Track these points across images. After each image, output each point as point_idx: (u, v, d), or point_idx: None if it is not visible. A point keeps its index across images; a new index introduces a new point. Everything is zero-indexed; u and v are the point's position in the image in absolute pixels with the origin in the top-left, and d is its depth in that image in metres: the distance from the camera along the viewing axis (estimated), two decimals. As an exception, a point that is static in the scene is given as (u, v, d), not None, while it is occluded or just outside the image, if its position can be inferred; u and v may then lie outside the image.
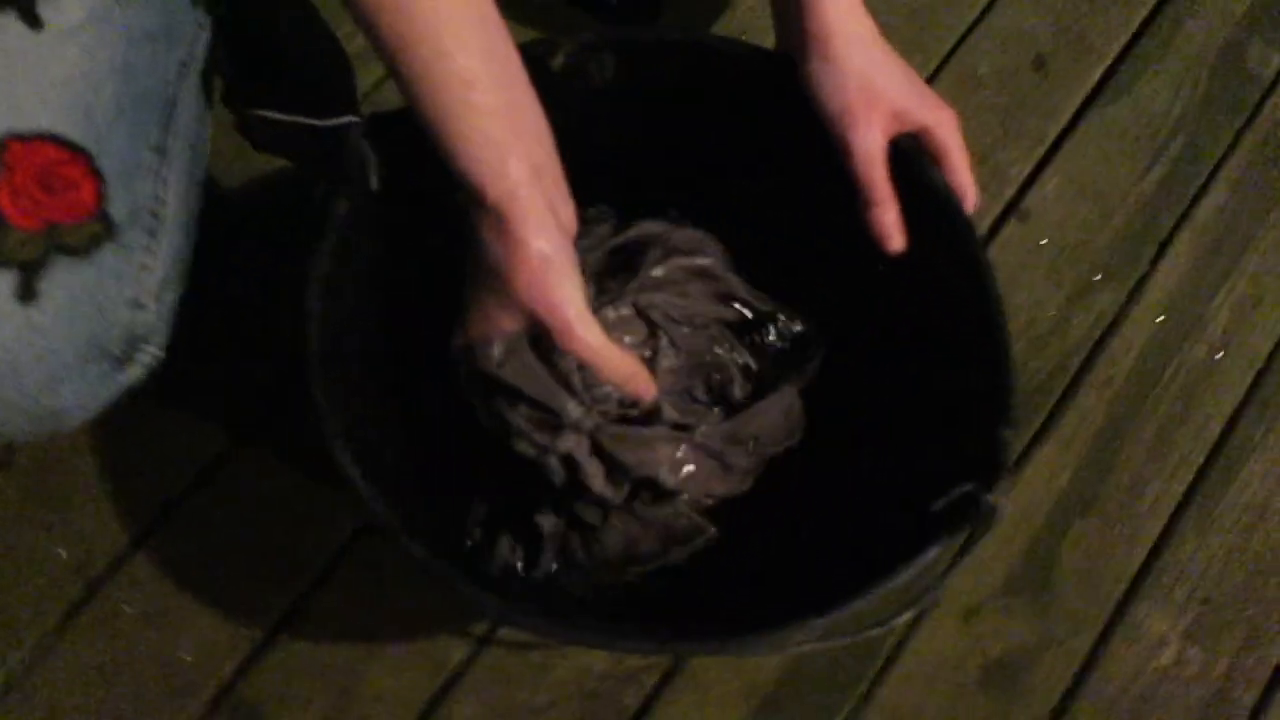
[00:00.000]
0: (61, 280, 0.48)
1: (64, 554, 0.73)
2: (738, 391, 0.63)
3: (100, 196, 0.49)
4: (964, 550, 0.54)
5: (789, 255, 0.66)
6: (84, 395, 0.51)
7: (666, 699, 0.73)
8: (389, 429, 0.62)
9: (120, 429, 0.75)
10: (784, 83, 0.59)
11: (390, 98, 0.85)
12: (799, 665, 0.74)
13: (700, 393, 0.63)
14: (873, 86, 0.58)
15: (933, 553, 0.52)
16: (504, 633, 0.73)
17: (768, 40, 0.64)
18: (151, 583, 0.72)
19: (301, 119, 0.80)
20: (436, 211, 0.54)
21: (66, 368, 0.49)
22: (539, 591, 0.61)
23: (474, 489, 0.64)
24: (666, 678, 0.74)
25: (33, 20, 0.47)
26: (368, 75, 0.84)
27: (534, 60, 0.59)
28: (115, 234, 0.50)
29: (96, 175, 0.49)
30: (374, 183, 0.58)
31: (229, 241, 0.80)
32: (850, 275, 0.63)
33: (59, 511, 0.73)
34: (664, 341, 0.61)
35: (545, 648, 0.73)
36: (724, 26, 0.90)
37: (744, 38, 0.87)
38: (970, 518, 0.53)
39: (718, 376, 0.63)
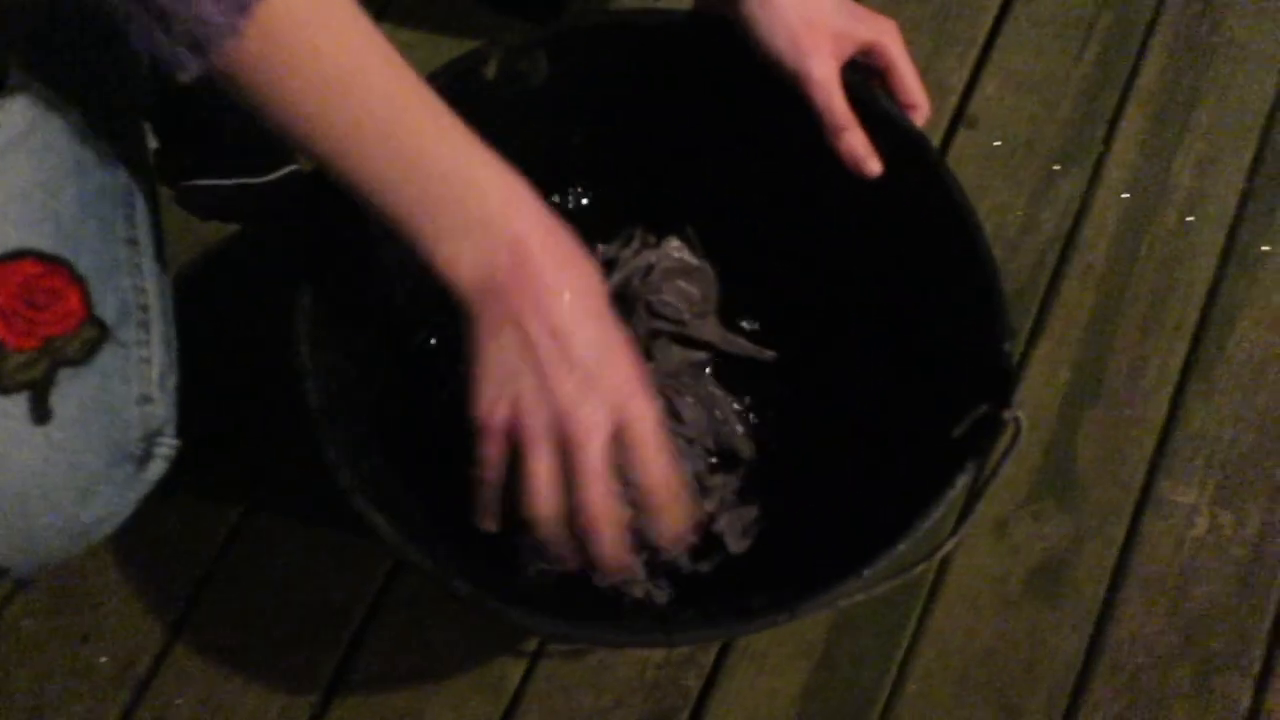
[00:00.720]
0: (70, 392, 0.47)
1: (105, 661, 0.72)
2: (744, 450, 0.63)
3: (87, 301, 0.49)
4: (996, 470, 0.55)
5: (766, 215, 0.66)
6: (115, 502, 0.51)
7: (725, 674, 0.73)
8: (402, 464, 0.62)
9: (132, 520, 0.74)
10: (716, 40, 0.59)
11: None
12: (845, 617, 0.75)
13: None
14: (810, 15, 0.57)
15: (962, 481, 0.53)
16: (553, 644, 0.73)
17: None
18: (198, 671, 0.72)
19: (240, 180, 0.80)
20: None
21: (94, 478, 0.49)
22: (579, 596, 0.61)
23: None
24: (722, 654, 0.74)
25: None
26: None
27: (466, 72, 0.59)
28: (110, 335, 0.49)
29: (79, 281, 0.48)
30: (320, 232, 0.57)
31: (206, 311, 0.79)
32: (825, 220, 0.63)
33: (91, 619, 0.73)
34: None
35: (599, 651, 0.74)
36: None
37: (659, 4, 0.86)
38: (992, 436, 0.53)
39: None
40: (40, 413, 0.47)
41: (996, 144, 0.88)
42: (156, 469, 0.51)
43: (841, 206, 0.61)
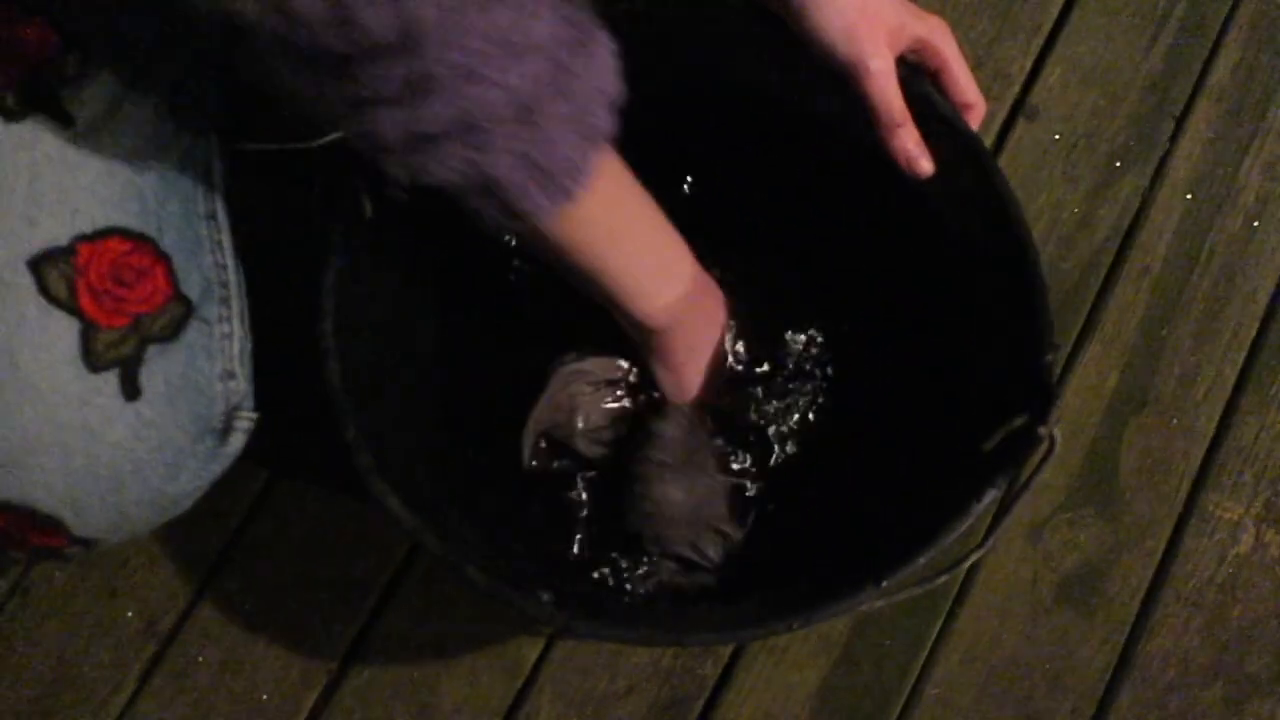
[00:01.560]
0: (159, 369, 0.48)
1: (132, 615, 0.73)
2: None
3: (173, 278, 0.49)
4: (1025, 486, 0.53)
5: (809, 211, 0.64)
6: (199, 475, 0.51)
7: (743, 665, 0.73)
8: (424, 444, 0.61)
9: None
10: (764, 30, 0.57)
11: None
12: (869, 616, 0.74)
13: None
14: (867, 6, 0.55)
15: (990, 496, 0.51)
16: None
17: None
18: (220, 630, 0.73)
19: (288, 144, 0.79)
20: (444, 224, 0.53)
21: (181, 453, 0.49)
22: (599, 593, 0.60)
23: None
24: (740, 645, 0.73)
25: (64, 119, 0.47)
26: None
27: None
28: (195, 311, 0.50)
29: (164, 258, 0.49)
30: (367, 208, 0.57)
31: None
32: (872, 224, 0.61)
33: (120, 575, 0.74)
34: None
35: (616, 632, 0.73)
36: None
37: None
38: (1026, 452, 0.52)
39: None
40: (130, 390, 0.47)
41: (1056, 137, 0.85)
42: (237, 442, 0.52)
43: (885, 208, 0.59)
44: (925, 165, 0.56)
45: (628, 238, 0.53)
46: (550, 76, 0.42)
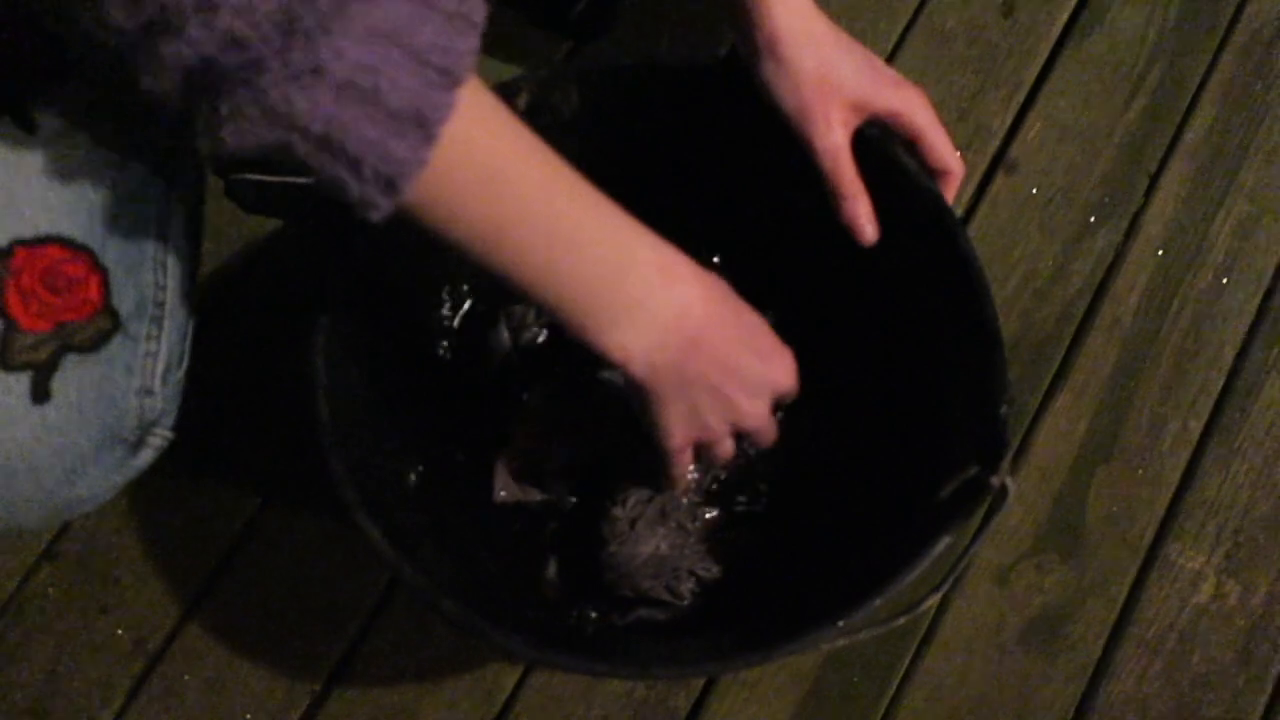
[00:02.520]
0: (73, 377, 0.49)
1: (121, 633, 0.75)
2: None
3: (105, 292, 0.50)
4: (979, 533, 0.55)
5: (776, 257, 0.67)
6: (99, 484, 0.52)
7: (715, 697, 0.75)
8: (405, 476, 0.64)
9: (156, 505, 0.77)
10: (743, 90, 0.60)
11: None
12: (840, 650, 0.76)
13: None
14: (827, 82, 0.58)
15: (943, 543, 0.53)
16: (550, 653, 0.75)
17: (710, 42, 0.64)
18: (208, 650, 0.75)
19: (289, 178, 0.82)
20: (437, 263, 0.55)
21: (83, 460, 0.50)
22: (571, 625, 0.63)
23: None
24: (713, 679, 0.75)
25: (27, 124, 0.48)
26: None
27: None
28: (122, 327, 0.51)
29: (100, 270, 0.50)
30: (363, 243, 0.59)
31: (232, 306, 0.82)
32: (838, 272, 0.63)
33: (112, 593, 0.76)
34: None
35: (592, 662, 0.75)
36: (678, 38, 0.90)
37: (697, 47, 0.87)
38: (977, 501, 0.54)
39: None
40: (39, 393, 0.48)
41: (1034, 190, 0.87)
42: (146, 457, 0.53)
43: (855, 258, 0.62)
44: (868, 235, 0.59)
45: (514, 200, 0.45)
46: None
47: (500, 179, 0.44)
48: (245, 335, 0.80)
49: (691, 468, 0.64)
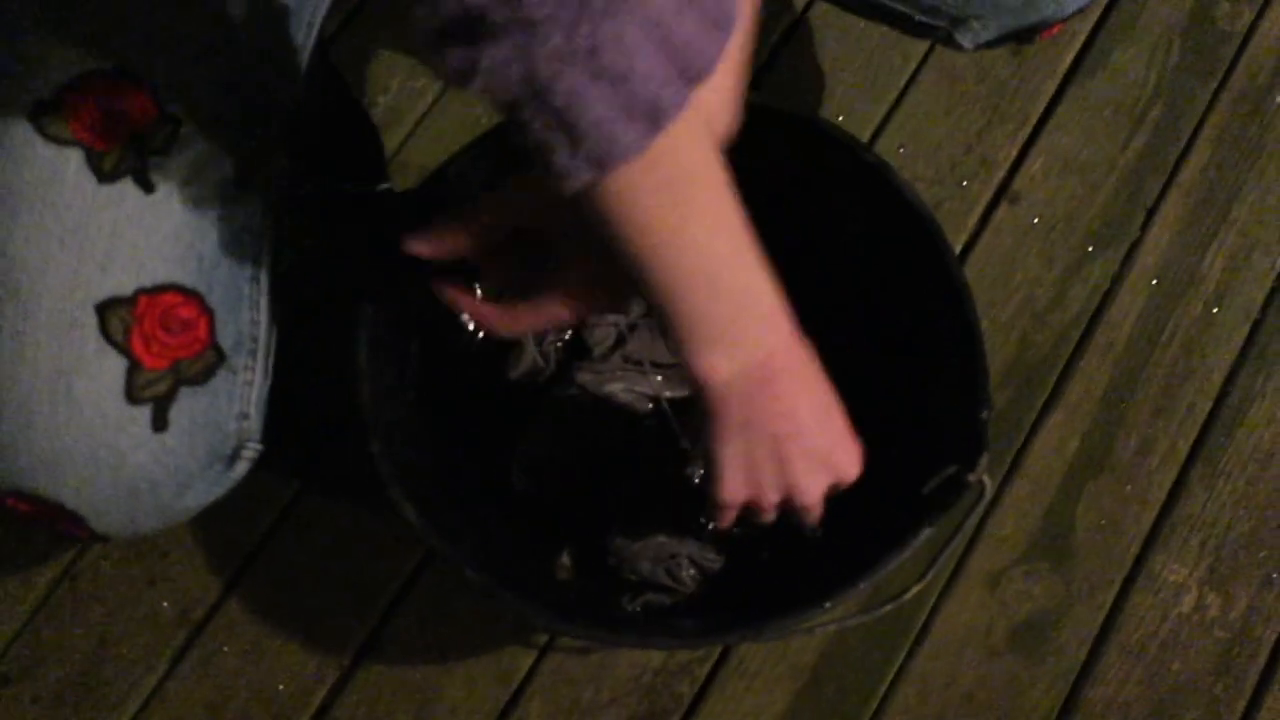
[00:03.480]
0: (186, 407, 0.56)
1: (167, 605, 0.81)
2: None
3: (212, 330, 0.56)
4: (962, 524, 0.60)
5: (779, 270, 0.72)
6: (204, 495, 0.59)
7: (717, 686, 0.79)
8: (436, 460, 0.69)
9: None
10: (748, 128, 0.65)
11: (414, 160, 0.92)
12: (836, 645, 0.80)
13: None
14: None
15: (925, 534, 0.58)
16: (563, 640, 0.80)
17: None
18: (245, 623, 0.81)
19: (336, 189, 0.88)
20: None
21: (191, 476, 0.57)
22: (586, 599, 0.68)
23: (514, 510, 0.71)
24: (716, 667, 0.80)
25: (146, 185, 0.55)
26: (391, 139, 0.91)
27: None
28: (225, 360, 0.57)
29: (208, 312, 0.56)
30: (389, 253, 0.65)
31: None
32: (834, 285, 0.69)
33: (160, 567, 0.82)
34: None
35: (603, 650, 0.80)
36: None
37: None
38: (957, 496, 0.59)
39: None
40: (160, 422, 0.55)
41: (1035, 220, 0.92)
42: (241, 469, 0.60)
43: (857, 277, 0.67)
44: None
45: (691, 214, 0.46)
46: None
47: (687, 185, 0.46)
48: (291, 336, 0.86)
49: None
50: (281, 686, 0.79)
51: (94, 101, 0.53)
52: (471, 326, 0.70)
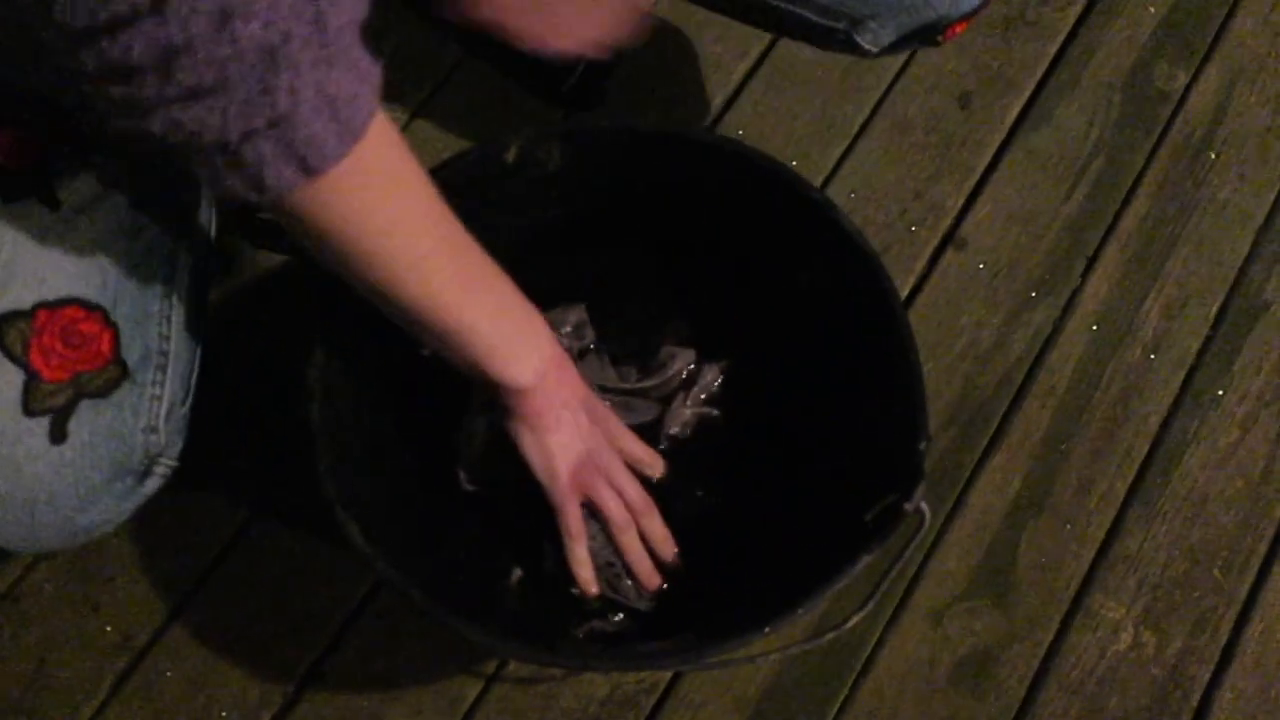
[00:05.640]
0: (86, 420, 0.56)
1: (110, 630, 0.80)
2: None
3: (116, 345, 0.57)
4: (902, 553, 0.61)
5: (732, 305, 0.74)
6: (111, 510, 0.59)
7: (663, 718, 0.80)
8: (393, 490, 0.70)
9: (152, 512, 0.82)
10: (700, 157, 0.68)
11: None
12: (781, 677, 0.81)
13: None
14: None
15: (864, 560, 0.59)
16: (511, 669, 0.80)
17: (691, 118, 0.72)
18: (189, 650, 0.80)
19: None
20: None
21: (95, 490, 0.57)
22: (532, 623, 0.68)
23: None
24: (662, 699, 0.80)
25: (52, 203, 0.56)
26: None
27: (492, 155, 0.68)
28: (130, 375, 0.58)
29: (112, 326, 0.57)
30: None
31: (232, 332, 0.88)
32: (780, 321, 0.71)
33: (104, 591, 0.81)
34: None
35: (549, 680, 0.80)
36: (663, 108, 0.99)
37: (681, 121, 0.96)
38: (895, 524, 0.60)
39: None
40: (57, 434, 0.55)
41: (981, 266, 0.95)
42: (153, 485, 0.60)
43: (801, 308, 0.69)
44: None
45: (422, 236, 0.53)
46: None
47: (408, 212, 0.52)
48: (242, 362, 0.87)
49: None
50: (224, 714, 0.79)
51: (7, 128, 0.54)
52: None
